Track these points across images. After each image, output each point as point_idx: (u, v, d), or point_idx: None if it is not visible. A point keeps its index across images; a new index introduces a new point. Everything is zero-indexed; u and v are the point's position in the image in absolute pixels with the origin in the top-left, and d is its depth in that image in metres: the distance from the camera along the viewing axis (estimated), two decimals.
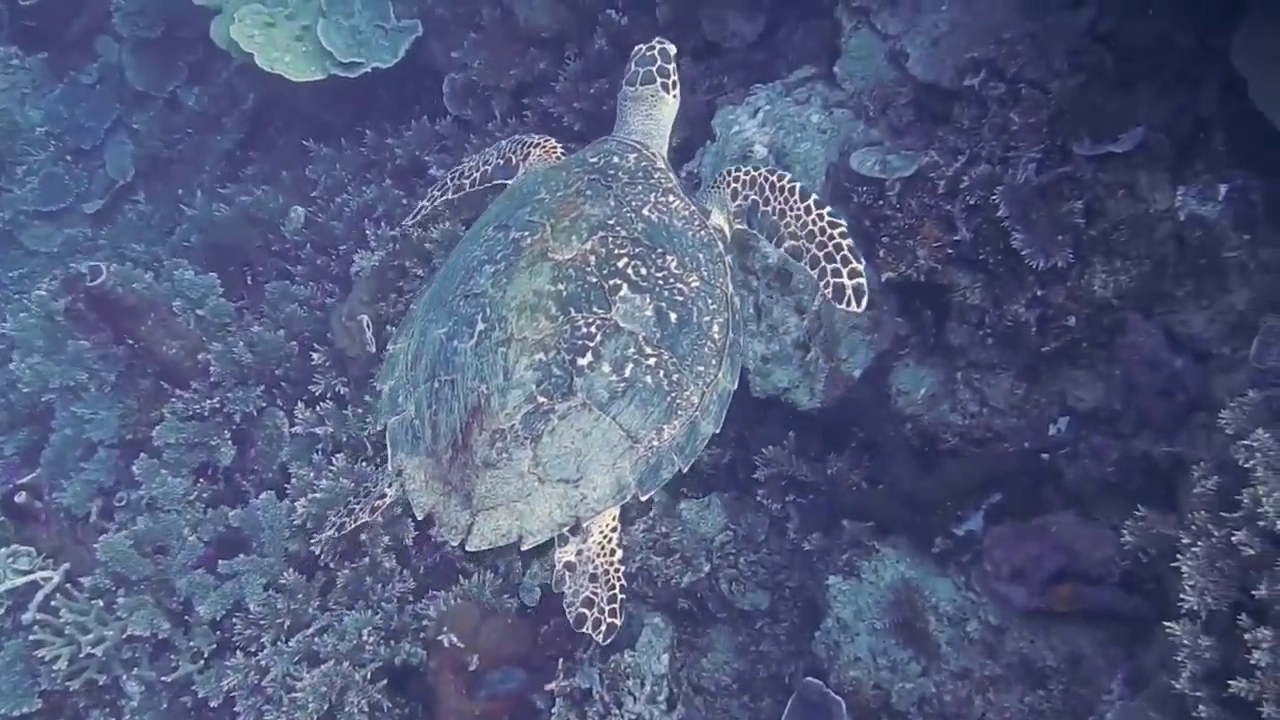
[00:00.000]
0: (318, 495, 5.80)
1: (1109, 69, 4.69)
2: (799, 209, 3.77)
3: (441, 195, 4.58)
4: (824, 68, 5.70)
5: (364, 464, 5.97)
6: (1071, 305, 4.68)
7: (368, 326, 6.07)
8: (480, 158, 4.51)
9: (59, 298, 6.96)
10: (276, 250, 7.53)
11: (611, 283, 3.45)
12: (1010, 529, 4.79)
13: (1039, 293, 4.70)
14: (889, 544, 5.15)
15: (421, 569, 5.93)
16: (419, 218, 4.71)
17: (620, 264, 3.49)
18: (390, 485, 3.74)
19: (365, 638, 5.48)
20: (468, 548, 3.39)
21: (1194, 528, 3.81)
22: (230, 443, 6.47)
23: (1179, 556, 3.80)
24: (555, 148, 4.32)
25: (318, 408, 6.21)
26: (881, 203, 4.96)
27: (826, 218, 3.74)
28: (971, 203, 4.76)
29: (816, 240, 3.72)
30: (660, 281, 3.50)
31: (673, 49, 4.23)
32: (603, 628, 3.52)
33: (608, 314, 3.40)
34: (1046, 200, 4.64)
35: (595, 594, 3.53)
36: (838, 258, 3.68)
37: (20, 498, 6.20)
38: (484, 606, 5.48)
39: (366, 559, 5.77)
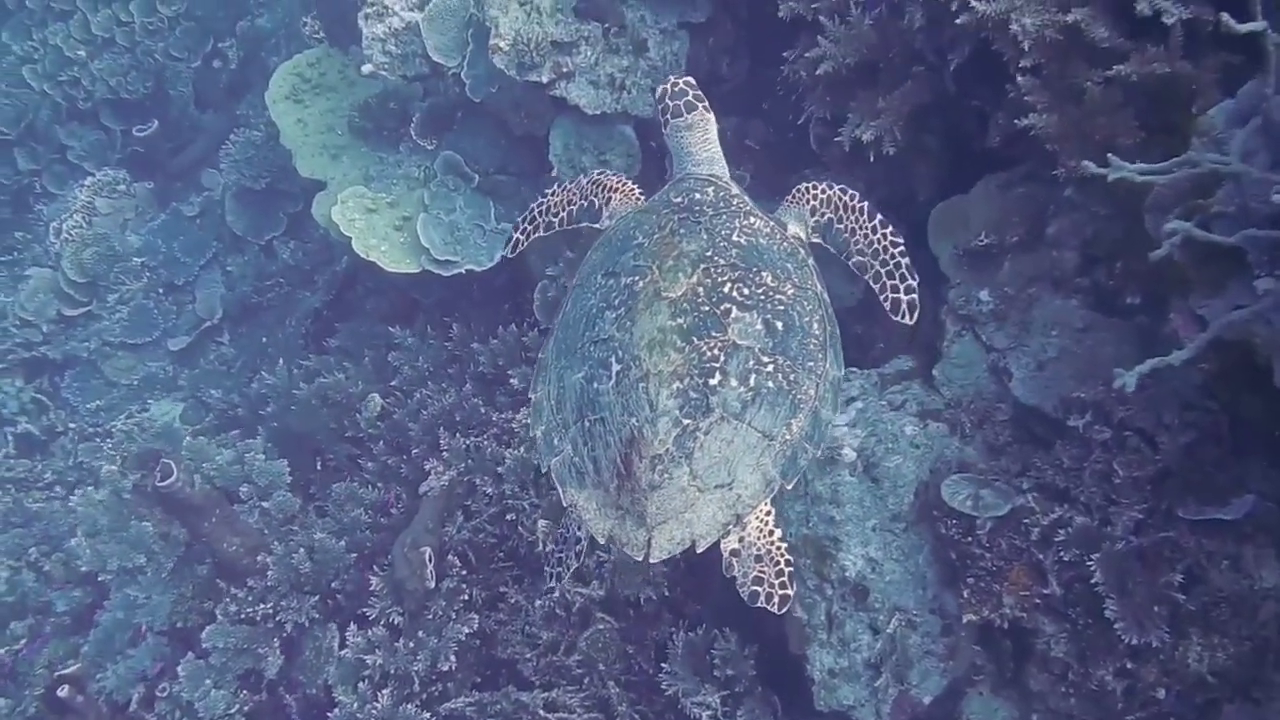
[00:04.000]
0: None
1: (1222, 432, 4.50)
2: (867, 227, 4.29)
3: (534, 231, 4.87)
4: (922, 360, 5.55)
5: (408, 705, 5.83)
6: (1163, 679, 4.44)
7: (429, 560, 5.96)
8: (564, 195, 4.81)
9: (128, 474, 6.97)
10: (349, 437, 7.47)
11: (722, 307, 3.81)
12: None
13: (1129, 665, 4.45)
14: None
15: None
16: (513, 250, 4.94)
17: (725, 289, 3.85)
18: (581, 529, 4.04)
19: None
20: (651, 559, 3.70)
21: None
22: (279, 651, 6.34)
23: None
24: (633, 189, 4.70)
25: (370, 633, 6.08)
26: (970, 540, 4.76)
27: (889, 237, 4.25)
28: (1066, 558, 4.56)
29: (880, 258, 4.25)
30: (762, 297, 3.86)
31: (689, 79, 4.54)
32: (775, 599, 3.83)
33: (725, 335, 3.75)
34: (1145, 567, 4.43)
35: (763, 572, 3.85)
36: (896, 275, 4.22)
37: (63, 691, 6.13)
38: None
39: None
